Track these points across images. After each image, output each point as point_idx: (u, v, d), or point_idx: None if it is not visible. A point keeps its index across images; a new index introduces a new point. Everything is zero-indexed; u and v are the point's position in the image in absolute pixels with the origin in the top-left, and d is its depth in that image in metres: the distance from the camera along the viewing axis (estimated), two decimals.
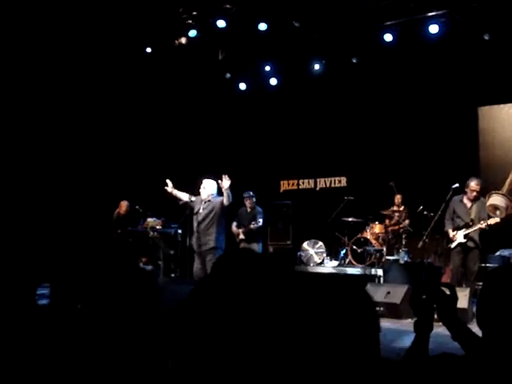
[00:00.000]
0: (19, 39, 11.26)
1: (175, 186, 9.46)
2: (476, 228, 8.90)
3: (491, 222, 8.90)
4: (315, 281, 1.58)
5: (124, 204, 12.34)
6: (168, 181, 9.32)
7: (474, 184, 8.98)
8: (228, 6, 11.22)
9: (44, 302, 2.74)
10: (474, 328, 2.21)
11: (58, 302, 2.36)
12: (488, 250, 9.90)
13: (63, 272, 2.56)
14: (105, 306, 1.97)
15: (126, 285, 2.02)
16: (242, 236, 11.03)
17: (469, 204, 9.07)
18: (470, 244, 8.98)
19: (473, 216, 9.02)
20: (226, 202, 8.86)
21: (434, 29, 10.66)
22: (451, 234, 9.09)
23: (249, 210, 11.23)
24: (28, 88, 11.95)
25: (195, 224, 9.10)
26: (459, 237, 9.00)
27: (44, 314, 2.34)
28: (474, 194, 8.99)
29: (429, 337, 2.15)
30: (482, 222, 8.88)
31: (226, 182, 8.73)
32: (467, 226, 8.95)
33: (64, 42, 11.68)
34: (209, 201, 9.05)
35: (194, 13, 11.61)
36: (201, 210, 9.04)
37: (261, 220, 10.87)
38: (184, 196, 9.37)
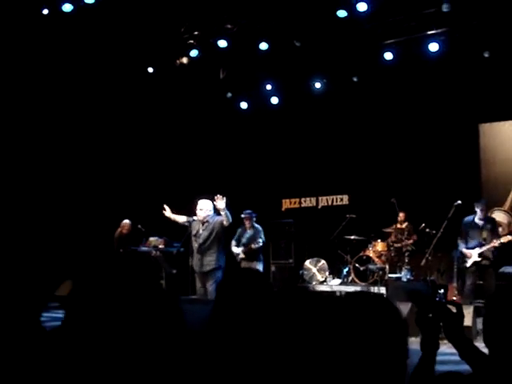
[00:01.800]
0: (26, 54, 11.36)
1: (177, 205, 9.45)
2: (490, 246, 9.06)
3: (504, 240, 9.09)
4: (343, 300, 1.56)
5: (126, 223, 12.32)
6: (165, 206, 9.32)
7: (481, 204, 9.27)
8: (229, 26, 11.28)
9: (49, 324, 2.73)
10: (479, 346, 2.21)
11: (71, 325, 2.34)
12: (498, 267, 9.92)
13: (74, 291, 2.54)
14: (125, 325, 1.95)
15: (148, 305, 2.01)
16: (242, 255, 10.95)
17: (480, 223, 9.21)
18: (485, 262, 9.14)
19: (485, 235, 9.16)
20: (226, 223, 8.81)
21: (434, 47, 10.69)
22: (466, 252, 9.18)
23: (248, 229, 11.18)
24: (28, 113, 12.00)
25: (196, 245, 9.04)
26: (474, 255, 9.10)
27: (53, 337, 2.33)
28: (484, 212, 9.26)
29: (435, 355, 2.14)
30: (495, 240, 9.03)
31: (220, 203, 8.64)
32: (481, 244, 9.06)
33: (68, 63, 11.76)
34: (207, 221, 9.00)
35: (196, 33, 11.67)
36: (200, 231, 8.98)
37: (260, 240, 10.80)
38: (182, 219, 9.34)
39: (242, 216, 11.08)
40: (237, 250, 11.00)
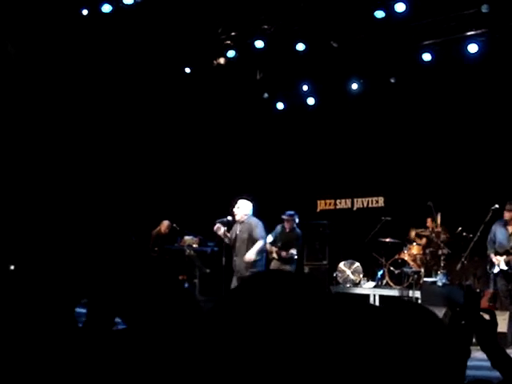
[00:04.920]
0: (66, 54, 11.55)
1: (214, 205, 9.43)
2: None
3: None
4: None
5: (166, 223, 12.48)
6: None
7: (507, 206, 9.03)
8: (266, 27, 11.31)
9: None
10: None
11: (95, 322, 2.37)
12: None
13: (101, 289, 2.57)
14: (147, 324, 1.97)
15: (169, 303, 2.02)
16: (275, 255, 10.80)
17: (510, 229, 8.93)
18: None
19: None
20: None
21: (473, 48, 10.56)
22: (493, 258, 8.94)
23: (288, 231, 10.93)
24: (71, 112, 12.20)
25: (234, 247, 8.99)
26: (501, 263, 8.86)
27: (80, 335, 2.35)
28: (509, 217, 8.93)
29: (466, 363, 2.11)
30: None
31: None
32: (507, 253, 8.79)
33: (106, 63, 11.92)
34: (243, 222, 8.92)
35: (233, 33, 11.73)
36: (238, 232, 8.92)
37: (294, 251, 10.62)
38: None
39: (284, 217, 10.87)
40: (270, 247, 10.88)
